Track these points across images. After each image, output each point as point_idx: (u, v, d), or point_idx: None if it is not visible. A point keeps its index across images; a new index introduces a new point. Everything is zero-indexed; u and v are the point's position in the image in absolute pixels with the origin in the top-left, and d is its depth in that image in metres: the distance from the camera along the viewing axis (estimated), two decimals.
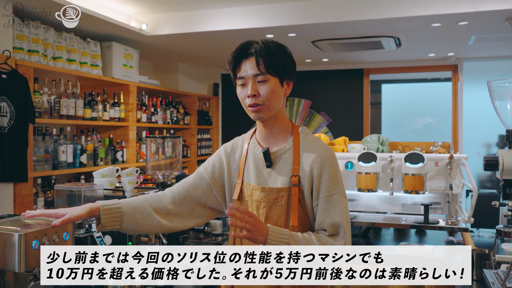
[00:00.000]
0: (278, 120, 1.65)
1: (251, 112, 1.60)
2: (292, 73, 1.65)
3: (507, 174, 2.31)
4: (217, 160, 1.76)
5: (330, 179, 1.57)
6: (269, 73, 1.57)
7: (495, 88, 2.41)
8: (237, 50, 1.61)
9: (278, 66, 1.58)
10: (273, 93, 1.58)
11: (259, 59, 1.56)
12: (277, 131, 1.66)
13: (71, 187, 2.05)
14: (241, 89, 1.62)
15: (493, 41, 4.79)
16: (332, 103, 6.37)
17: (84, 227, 2.00)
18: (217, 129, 6.71)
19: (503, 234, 2.12)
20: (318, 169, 1.58)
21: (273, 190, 1.60)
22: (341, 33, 4.40)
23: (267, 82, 1.57)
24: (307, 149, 1.62)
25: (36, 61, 3.45)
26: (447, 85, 6.09)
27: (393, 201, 3.29)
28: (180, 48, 5.09)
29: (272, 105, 1.59)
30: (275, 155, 1.64)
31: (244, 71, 1.59)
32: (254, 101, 1.57)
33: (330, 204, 1.56)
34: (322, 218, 1.56)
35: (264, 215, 1.60)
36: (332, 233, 1.56)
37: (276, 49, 1.59)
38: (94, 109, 4.07)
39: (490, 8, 3.59)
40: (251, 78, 1.57)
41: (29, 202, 3.28)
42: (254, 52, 1.57)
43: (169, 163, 2.89)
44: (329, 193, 1.56)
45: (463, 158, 3.05)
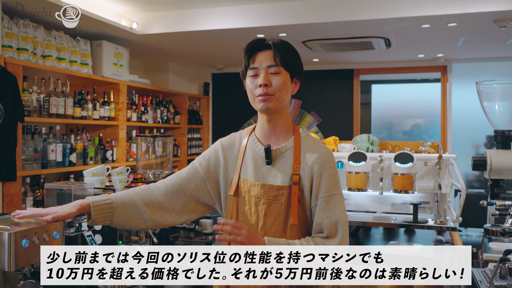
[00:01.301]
0: (282, 117, 1.67)
1: (259, 102, 1.61)
2: (301, 73, 1.70)
3: (495, 174, 2.34)
4: (213, 154, 1.75)
5: (330, 180, 1.60)
6: (283, 66, 1.61)
7: (484, 89, 2.44)
8: (252, 41, 1.65)
9: (291, 62, 1.63)
10: (284, 85, 1.61)
11: (276, 52, 1.61)
12: (280, 129, 1.67)
13: (61, 185, 2.04)
14: (251, 79, 1.63)
15: (482, 43, 4.84)
16: (322, 103, 6.39)
17: (74, 226, 1.99)
18: (207, 128, 6.70)
19: (490, 233, 2.14)
20: (318, 169, 1.60)
21: (274, 188, 1.60)
22: (331, 33, 4.42)
23: (280, 74, 1.61)
24: (308, 149, 1.64)
25: (25, 60, 3.42)
26: (436, 86, 6.14)
27: (383, 201, 3.31)
28: (170, 47, 5.08)
29: (281, 98, 1.61)
30: (276, 153, 1.65)
31: (259, 62, 1.62)
32: (265, 90, 1.59)
33: (329, 205, 1.58)
34: (322, 218, 1.58)
35: (264, 212, 1.60)
36: (330, 234, 1.57)
37: (291, 47, 1.66)
38: (83, 108, 4.05)
39: (479, 10, 3.63)
40: (265, 69, 1.60)
41: (18, 201, 3.26)
42: (272, 44, 1.62)
43: (160, 162, 2.89)
44: (329, 194, 1.58)
45: (452, 158, 3.08)
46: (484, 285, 2.01)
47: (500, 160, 2.32)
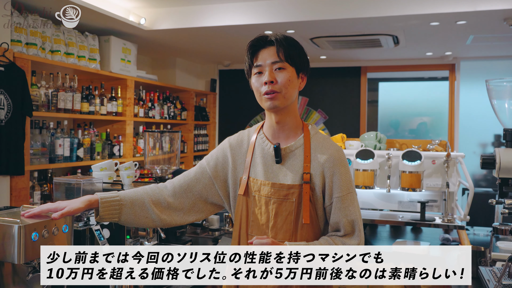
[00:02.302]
0: (290, 114, 1.65)
1: (266, 100, 1.59)
2: (307, 68, 1.68)
3: (504, 172, 2.33)
4: (221, 154, 1.73)
5: (343, 178, 1.59)
6: (288, 61, 1.59)
7: (494, 87, 2.42)
8: (255, 39, 1.63)
9: (296, 57, 1.61)
10: (290, 81, 1.59)
11: (279, 47, 1.58)
12: (288, 126, 1.65)
13: (70, 180, 2.04)
14: (256, 77, 1.62)
15: (491, 41, 4.81)
16: (329, 101, 6.38)
17: (82, 220, 2.00)
18: (214, 125, 6.70)
19: (499, 232, 2.13)
20: (330, 168, 1.58)
21: (284, 187, 1.59)
22: (339, 30, 4.41)
23: (285, 70, 1.59)
24: (318, 148, 1.62)
25: (34, 54, 3.43)
26: (444, 84, 6.11)
27: (390, 198, 3.30)
28: (178, 43, 5.08)
29: (288, 94, 1.59)
30: (285, 151, 1.63)
31: (262, 59, 1.60)
32: (271, 87, 1.57)
33: (345, 203, 1.58)
34: (339, 217, 1.57)
35: (274, 211, 1.59)
36: (348, 232, 1.58)
37: (294, 41, 1.64)
38: (91, 103, 4.06)
39: (489, 8, 3.60)
40: (269, 65, 1.58)
41: (26, 195, 3.27)
42: (274, 40, 1.60)
43: (167, 158, 2.90)
44: (343, 193, 1.58)
45: (460, 157, 3.07)
46: (492, 283, 2.00)
47: (510, 158, 2.30)
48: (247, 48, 1.64)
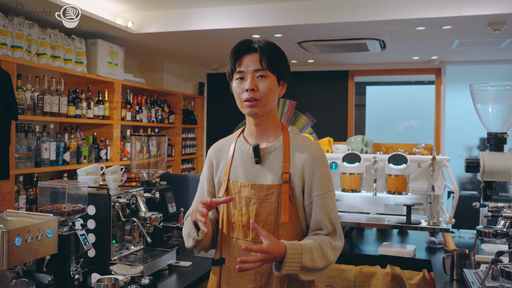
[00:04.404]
0: (270, 118, 1.68)
1: (246, 107, 1.61)
2: (288, 75, 1.69)
3: (488, 176, 2.36)
4: (208, 166, 1.79)
5: (323, 177, 1.61)
6: (270, 70, 1.60)
7: (477, 91, 2.45)
8: (239, 44, 1.64)
9: (278, 65, 1.63)
10: (271, 90, 1.61)
11: (262, 55, 1.59)
12: (268, 129, 1.69)
13: (55, 184, 2.03)
14: (238, 83, 1.64)
15: (476, 46, 4.87)
16: (317, 104, 6.40)
17: (67, 224, 1.98)
18: (202, 128, 6.69)
19: (483, 235, 2.16)
20: (309, 168, 1.60)
21: (263, 187, 1.61)
22: (327, 34, 4.43)
23: (267, 78, 1.60)
24: (297, 148, 1.64)
25: (19, 57, 3.40)
26: (430, 88, 6.17)
27: (376, 202, 3.32)
28: (166, 47, 5.07)
29: (268, 102, 1.62)
30: (264, 152, 1.65)
31: (245, 65, 1.61)
32: (252, 95, 1.59)
33: (325, 202, 1.60)
34: (320, 216, 1.59)
35: (254, 212, 1.61)
36: (330, 231, 1.60)
37: (277, 49, 1.65)
38: (78, 107, 4.03)
39: (474, 13, 3.65)
40: (251, 72, 1.60)
41: (11, 199, 3.24)
42: (258, 47, 1.61)
43: (154, 162, 2.89)
44: (323, 191, 1.60)
45: (445, 160, 3.10)
46: (476, 286, 2.02)
47: (493, 162, 2.33)
48: (231, 53, 1.65)
